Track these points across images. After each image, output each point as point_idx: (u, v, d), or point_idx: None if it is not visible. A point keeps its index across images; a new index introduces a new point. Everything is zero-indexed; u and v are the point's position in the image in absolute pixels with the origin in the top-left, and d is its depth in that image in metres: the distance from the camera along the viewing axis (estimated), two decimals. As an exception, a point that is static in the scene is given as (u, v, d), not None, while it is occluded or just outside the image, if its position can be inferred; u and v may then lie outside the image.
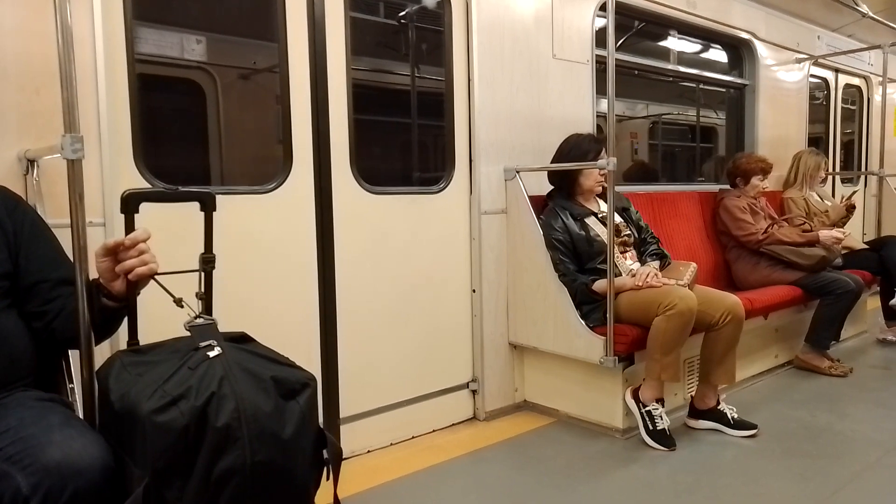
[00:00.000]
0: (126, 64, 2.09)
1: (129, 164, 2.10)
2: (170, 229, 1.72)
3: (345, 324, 2.59)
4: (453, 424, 2.98)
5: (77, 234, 1.35)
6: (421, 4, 3.03)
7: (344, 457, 1.89)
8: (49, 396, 1.41)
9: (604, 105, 3.11)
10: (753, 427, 2.78)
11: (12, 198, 1.55)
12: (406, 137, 3.16)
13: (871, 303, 4.56)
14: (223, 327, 1.42)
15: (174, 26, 2.46)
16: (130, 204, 1.40)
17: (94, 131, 1.95)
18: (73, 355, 1.53)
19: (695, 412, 2.89)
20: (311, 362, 2.46)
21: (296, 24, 2.44)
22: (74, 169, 1.34)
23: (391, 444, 2.76)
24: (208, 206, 1.48)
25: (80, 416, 1.43)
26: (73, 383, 1.57)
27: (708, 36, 4.43)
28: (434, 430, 2.91)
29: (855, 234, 4.66)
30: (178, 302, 1.40)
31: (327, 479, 1.40)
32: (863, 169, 6.16)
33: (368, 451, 2.69)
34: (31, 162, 1.83)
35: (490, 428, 2.96)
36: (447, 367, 2.98)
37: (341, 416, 2.59)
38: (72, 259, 1.38)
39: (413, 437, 2.83)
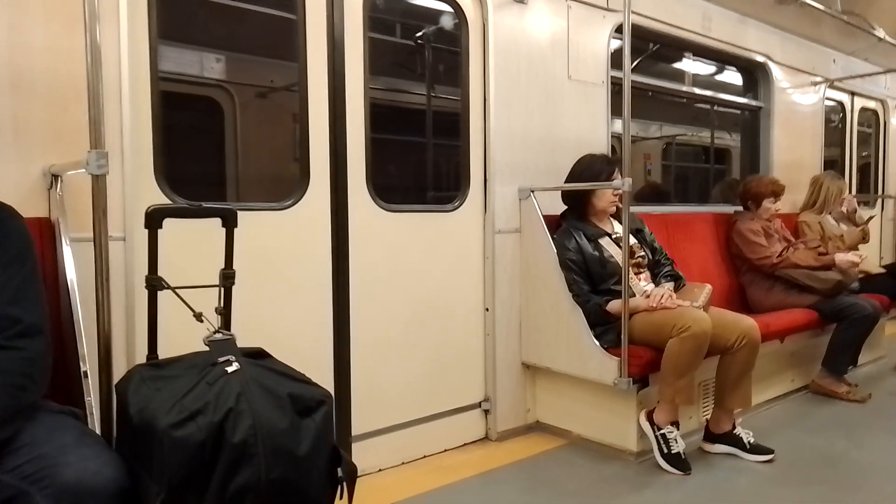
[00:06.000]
0: (150, 82, 2.13)
1: (149, 180, 2.13)
2: (187, 244, 1.74)
3: (358, 341, 2.59)
4: (465, 444, 2.96)
5: (100, 248, 1.37)
6: (438, 26, 3.07)
7: (356, 475, 1.88)
8: (60, 409, 1.41)
9: (618, 126, 3.13)
10: (770, 452, 2.74)
11: (6, 210, 1.44)
12: (422, 156, 3.18)
13: (889, 328, 4.50)
14: (238, 342, 1.43)
15: (197, 45, 2.51)
16: (155, 219, 1.42)
17: (117, 147, 1.98)
18: (91, 367, 1.53)
19: (710, 436, 2.85)
20: (323, 379, 2.45)
21: (316, 43, 2.48)
22: (99, 184, 1.37)
23: (402, 464, 2.74)
24: (230, 222, 1.50)
25: (97, 429, 1.44)
26: (90, 396, 1.58)
27: (723, 58, 4.44)
28: (445, 450, 2.89)
29: (872, 259, 4.62)
30: (199, 316, 1.41)
31: (341, 497, 1.40)
32: (879, 192, 6.13)
33: (380, 470, 2.67)
34: (56, 177, 1.86)
35: (502, 449, 2.93)
36: (459, 387, 2.97)
37: (353, 434, 2.59)
38: (94, 271, 1.39)
39: (424, 457, 2.81)
